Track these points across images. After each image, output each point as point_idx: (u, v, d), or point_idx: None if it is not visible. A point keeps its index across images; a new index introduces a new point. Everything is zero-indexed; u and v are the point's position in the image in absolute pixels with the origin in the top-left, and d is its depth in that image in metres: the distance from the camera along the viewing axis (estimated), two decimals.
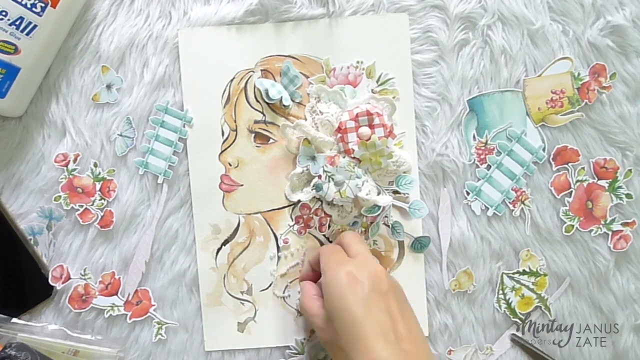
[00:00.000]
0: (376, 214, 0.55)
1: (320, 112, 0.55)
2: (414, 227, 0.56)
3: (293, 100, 0.56)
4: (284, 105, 0.55)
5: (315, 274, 0.53)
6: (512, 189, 0.56)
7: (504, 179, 0.56)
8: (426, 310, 0.56)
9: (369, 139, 0.52)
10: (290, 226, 0.56)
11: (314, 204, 0.56)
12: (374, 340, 0.42)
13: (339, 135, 0.53)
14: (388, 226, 0.56)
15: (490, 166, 0.56)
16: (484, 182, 0.56)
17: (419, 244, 0.56)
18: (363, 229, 0.56)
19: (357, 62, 0.56)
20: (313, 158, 0.54)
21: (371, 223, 0.56)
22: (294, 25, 0.56)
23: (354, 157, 0.53)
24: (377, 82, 0.56)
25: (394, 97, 0.55)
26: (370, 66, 0.56)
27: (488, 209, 0.56)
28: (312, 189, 0.54)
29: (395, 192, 0.56)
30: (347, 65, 0.56)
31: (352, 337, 0.43)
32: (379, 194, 0.54)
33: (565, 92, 0.56)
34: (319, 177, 0.53)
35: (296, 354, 0.56)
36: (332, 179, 0.52)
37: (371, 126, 0.53)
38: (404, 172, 0.55)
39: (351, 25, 0.56)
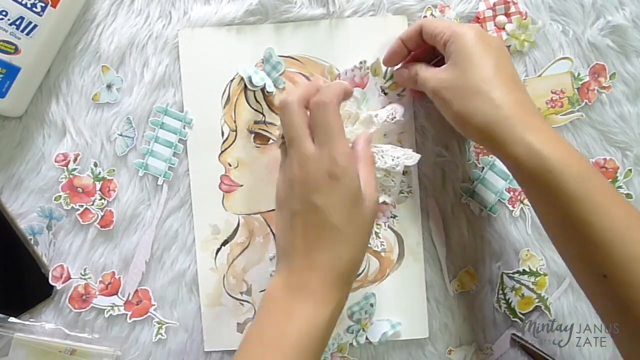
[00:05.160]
0: None
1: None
2: (414, 232, 0.56)
3: (276, 87, 0.56)
4: (267, 92, 0.55)
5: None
6: (505, 190, 0.56)
7: (497, 179, 0.56)
8: (426, 310, 0.56)
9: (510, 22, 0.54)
10: None
11: None
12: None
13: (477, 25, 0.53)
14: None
15: (484, 167, 0.56)
16: (477, 183, 0.56)
17: None
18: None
19: (360, 62, 0.55)
20: None
21: None
22: (294, 26, 0.56)
23: None
24: (385, 78, 0.56)
25: (399, 94, 0.56)
26: (374, 63, 0.55)
27: (482, 210, 0.56)
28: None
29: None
30: (351, 67, 0.55)
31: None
32: None
33: (565, 92, 0.56)
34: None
35: None
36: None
37: (507, 14, 0.54)
38: None
39: (351, 26, 0.56)
